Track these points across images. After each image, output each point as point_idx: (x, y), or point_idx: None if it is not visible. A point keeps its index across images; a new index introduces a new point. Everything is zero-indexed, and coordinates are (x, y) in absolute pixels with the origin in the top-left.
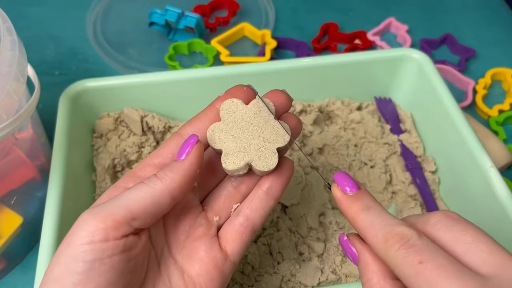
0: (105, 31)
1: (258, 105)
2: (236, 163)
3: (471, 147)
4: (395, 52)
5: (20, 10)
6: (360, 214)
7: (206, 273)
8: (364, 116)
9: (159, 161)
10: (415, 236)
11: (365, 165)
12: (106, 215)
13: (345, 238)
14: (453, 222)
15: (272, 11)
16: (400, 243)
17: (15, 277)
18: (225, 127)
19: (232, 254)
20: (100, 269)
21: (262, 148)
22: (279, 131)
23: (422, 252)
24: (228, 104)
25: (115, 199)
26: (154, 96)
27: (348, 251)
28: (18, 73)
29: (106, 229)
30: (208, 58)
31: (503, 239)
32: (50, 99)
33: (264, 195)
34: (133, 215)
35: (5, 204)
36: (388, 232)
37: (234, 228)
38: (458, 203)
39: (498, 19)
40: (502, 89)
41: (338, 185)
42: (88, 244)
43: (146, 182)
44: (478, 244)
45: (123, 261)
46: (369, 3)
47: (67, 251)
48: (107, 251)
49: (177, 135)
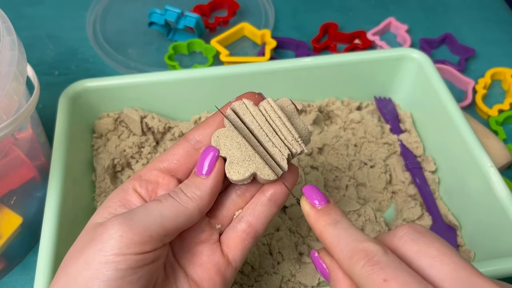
0: (104, 31)
1: (270, 107)
2: (241, 173)
3: (471, 147)
4: (395, 52)
5: (19, 10)
6: (327, 228)
7: (209, 279)
8: (364, 116)
9: (165, 166)
10: (380, 252)
11: (365, 165)
12: (142, 230)
13: (316, 254)
14: (418, 235)
15: (272, 11)
16: (365, 260)
17: (15, 277)
18: (231, 133)
19: (234, 260)
20: (131, 278)
21: (269, 156)
22: (291, 136)
23: (387, 269)
24: (237, 106)
25: (148, 213)
26: (154, 96)
27: (319, 267)
28: (17, 73)
29: (141, 244)
30: (208, 58)
31: (503, 239)
32: (49, 99)
33: (267, 202)
34: (166, 232)
35: (5, 204)
36: (354, 248)
37: (237, 234)
38: (458, 202)
39: (498, 19)
40: (502, 88)
41: (307, 198)
42: (123, 255)
43: (179, 201)
44: (443, 258)
45: (150, 271)
46: (369, 3)
47: (98, 257)
48: (139, 262)
49: (184, 141)
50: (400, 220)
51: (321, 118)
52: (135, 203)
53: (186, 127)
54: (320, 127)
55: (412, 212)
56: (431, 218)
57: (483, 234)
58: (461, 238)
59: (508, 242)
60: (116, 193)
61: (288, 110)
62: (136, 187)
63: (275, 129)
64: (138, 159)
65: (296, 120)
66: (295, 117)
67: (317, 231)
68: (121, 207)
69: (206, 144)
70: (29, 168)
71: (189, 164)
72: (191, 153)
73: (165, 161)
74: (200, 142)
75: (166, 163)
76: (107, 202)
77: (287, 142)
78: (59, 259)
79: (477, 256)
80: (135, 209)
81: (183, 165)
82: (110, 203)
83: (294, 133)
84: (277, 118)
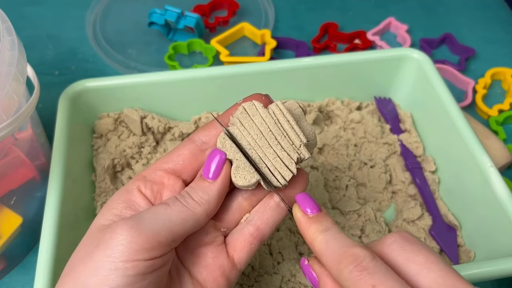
0: (104, 31)
1: (279, 110)
2: (247, 179)
3: (471, 147)
4: (395, 52)
5: (19, 10)
6: (318, 235)
7: (213, 280)
8: (364, 116)
9: (170, 167)
10: (368, 258)
11: (365, 165)
12: (151, 235)
13: (306, 262)
14: (407, 243)
15: (272, 11)
16: (354, 264)
17: (15, 277)
18: (239, 133)
19: (239, 262)
20: (140, 284)
21: (275, 161)
22: (299, 140)
23: (375, 275)
24: (248, 106)
25: (157, 218)
26: (154, 96)
27: (308, 275)
28: (17, 73)
29: (150, 249)
30: (208, 58)
31: (503, 239)
32: (49, 99)
33: (275, 207)
34: (174, 238)
35: (5, 204)
36: (342, 253)
37: (244, 237)
38: (457, 203)
39: (498, 19)
40: (502, 88)
41: (299, 206)
42: (132, 261)
43: (186, 205)
44: (430, 265)
45: (159, 276)
46: (369, 3)
47: (107, 264)
48: (148, 268)
49: (190, 141)
50: (400, 220)
51: (321, 118)
52: (140, 204)
53: (186, 127)
54: (320, 127)
55: (412, 212)
56: (431, 218)
57: (483, 234)
58: (461, 238)
59: (508, 242)
60: (120, 193)
61: (295, 113)
62: (141, 187)
63: (283, 132)
64: (138, 159)
65: (304, 123)
66: (302, 120)
67: (307, 238)
68: (126, 208)
69: (212, 145)
70: (29, 168)
71: (194, 165)
72: (197, 154)
73: (170, 161)
74: (206, 143)
75: (171, 163)
76: (111, 203)
77: (295, 146)
78: (59, 259)
79: (477, 256)
80: (143, 213)
81: (189, 166)
82: (114, 204)
83: (302, 137)
84: (286, 121)
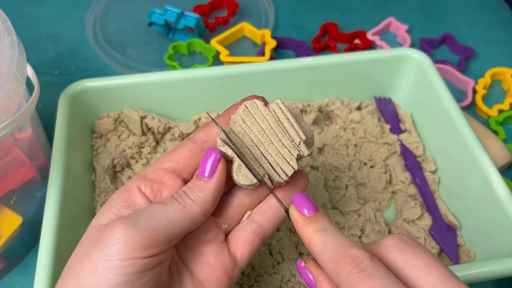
0: (104, 31)
1: (279, 108)
2: (249, 178)
3: (471, 147)
4: (395, 52)
5: (19, 10)
6: (314, 235)
7: (216, 279)
8: (364, 116)
9: (171, 166)
10: (366, 259)
11: (365, 165)
12: (149, 234)
13: (302, 264)
14: (406, 246)
15: (272, 11)
16: (351, 266)
17: (15, 277)
18: (241, 130)
19: (241, 260)
20: (138, 282)
21: (277, 157)
22: (298, 138)
23: (373, 277)
24: (249, 105)
25: (154, 216)
26: (154, 96)
27: (305, 277)
28: (17, 73)
29: (148, 248)
30: (208, 58)
31: (503, 239)
32: (49, 99)
33: (278, 205)
34: (171, 236)
35: (4, 204)
36: (340, 254)
37: (246, 234)
38: (457, 202)
39: (498, 19)
40: (502, 88)
41: (296, 206)
42: (129, 259)
43: (183, 204)
44: (429, 269)
45: (158, 273)
46: (369, 3)
47: (104, 263)
48: (146, 266)
49: (190, 141)
50: (400, 220)
51: (321, 118)
52: (139, 203)
53: (186, 127)
54: (320, 127)
55: (412, 212)
56: (431, 218)
57: (483, 234)
58: (461, 238)
59: (508, 242)
60: (119, 193)
61: (294, 113)
62: (141, 186)
63: (283, 130)
64: (138, 159)
65: (302, 122)
66: (300, 119)
67: (304, 238)
68: (125, 207)
69: (212, 144)
70: (29, 168)
71: (195, 164)
72: (197, 153)
73: (171, 161)
74: (207, 143)
75: (171, 163)
76: (111, 202)
77: (294, 143)
78: (59, 259)
79: (477, 256)
80: (140, 211)
81: (189, 165)
82: (114, 203)
83: (302, 134)
84: (286, 119)
